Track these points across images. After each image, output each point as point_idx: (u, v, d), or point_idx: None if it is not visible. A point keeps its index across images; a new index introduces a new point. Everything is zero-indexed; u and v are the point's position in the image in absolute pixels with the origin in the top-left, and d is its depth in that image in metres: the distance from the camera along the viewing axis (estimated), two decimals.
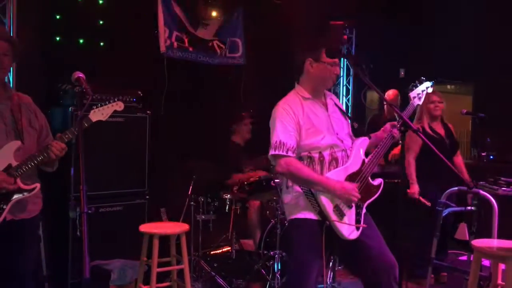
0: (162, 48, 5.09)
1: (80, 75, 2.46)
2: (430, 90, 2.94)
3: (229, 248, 4.47)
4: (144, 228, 3.63)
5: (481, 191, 3.58)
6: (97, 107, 2.69)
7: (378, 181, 2.67)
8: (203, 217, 4.26)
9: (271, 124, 2.59)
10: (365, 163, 2.62)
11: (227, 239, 4.52)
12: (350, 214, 2.53)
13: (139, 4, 4.97)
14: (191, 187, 4.22)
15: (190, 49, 5.35)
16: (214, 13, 5.54)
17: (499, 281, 3.25)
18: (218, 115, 5.54)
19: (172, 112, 5.19)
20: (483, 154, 4.36)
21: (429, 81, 2.93)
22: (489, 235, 3.54)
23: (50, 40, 4.41)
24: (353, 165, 2.59)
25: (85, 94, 2.37)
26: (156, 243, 3.52)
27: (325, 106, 2.67)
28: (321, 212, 2.48)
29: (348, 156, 2.61)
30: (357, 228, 2.54)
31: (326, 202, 2.46)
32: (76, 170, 2.08)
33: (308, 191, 2.51)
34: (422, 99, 2.91)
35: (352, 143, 2.69)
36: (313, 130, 2.56)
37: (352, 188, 2.46)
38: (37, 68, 4.15)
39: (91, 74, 2.77)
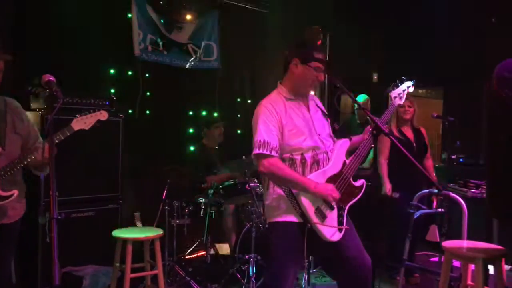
0: (136, 51, 5.04)
1: (51, 78, 2.41)
2: (411, 89, 2.94)
3: (204, 252, 4.45)
4: (117, 233, 3.58)
5: (451, 194, 3.66)
6: (80, 116, 2.67)
7: (360, 182, 2.67)
8: (177, 221, 4.23)
9: (254, 122, 2.57)
10: (346, 164, 2.63)
11: (202, 243, 4.50)
12: (332, 216, 2.54)
13: (113, 6, 4.92)
14: (165, 191, 4.18)
15: (165, 52, 5.33)
16: (188, 17, 5.52)
17: (469, 282, 3.32)
18: (192, 118, 5.52)
19: (146, 116, 5.15)
20: (453, 157, 4.46)
21: (410, 80, 2.94)
22: (459, 237, 3.62)
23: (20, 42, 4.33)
24: (334, 167, 2.60)
25: (55, 98, 2.33)
26: (129, 248, 3.48)
27: (307, 107, 2.68)
28: (302, 214, 2.48)
29: (329, 158, 2.62)
30: (340, 230, 2.54)
31: (307, 204, 2.46)
32: (46, 175, 2.05)
33: (290, 193, 2.51)
34: (403, 99, 2.92)
35: (334, 145, 2.70)
36: (296, 131, 2.56)
37: (332, 189, 2.47)
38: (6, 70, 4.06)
39: (63, 76, 2.73)
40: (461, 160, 5.41)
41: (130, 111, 4.91)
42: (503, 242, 3.48)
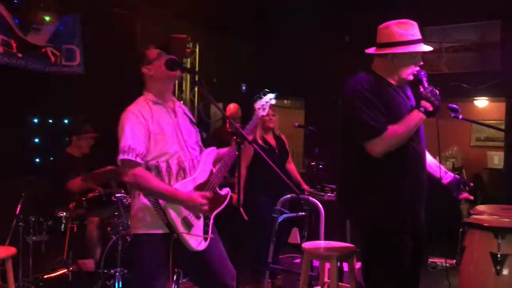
0: None
1: None
2: (273, 101, 3.09)
3: (65, 270, 4.16)
4: None
5: (310, 198, 3.92)
6: None
7: (225, 190, 2.72)
8: (33, 238, 3.90)
9: (120, 129, 2.48)
10: (213, 173, 2.65)
11: (63, 260, 4.20)
12: (198, 225, 2.54)
13: None
14: (19, 206, 3.83)
15: (19, 55, 4.91)
16: (47, 18, 5.14)
17: (326, 279, 3.59)
18: (50, 126, 5.15)
19: None
20: (312, 163, 4.79)
21: (272, 93, 3.09)
22: (318, 238, 3.88)
23: None
24: (201, 175, 2.60)
25: None
26: None
27: (174, 112, 2.65)
28: (168, 224, 2.45)
29: (195, 167, 2.62)
30: (205, 239, 2.56)
31: (173, 214, 2.44)
32: None
33: (156, 203, 2.45)
34: (266, 110, 3.06)
35: (201, 153, 2.70)
36: (162, 136, 2.51)
37: (201, 200, 2.46)
38: None
39: None
40: (320, 166, 5.83)
41: None
42: (355, 241, 3.81)
